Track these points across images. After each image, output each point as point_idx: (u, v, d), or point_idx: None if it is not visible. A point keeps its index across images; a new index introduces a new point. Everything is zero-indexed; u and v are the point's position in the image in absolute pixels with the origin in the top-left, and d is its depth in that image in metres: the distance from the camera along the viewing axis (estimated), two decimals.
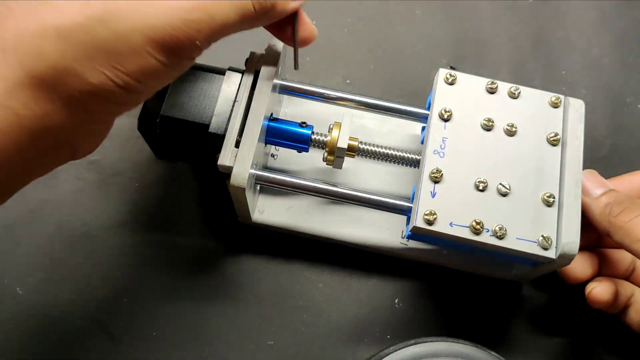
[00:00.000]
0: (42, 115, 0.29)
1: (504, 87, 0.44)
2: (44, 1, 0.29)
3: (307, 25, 0.40)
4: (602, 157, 0.54)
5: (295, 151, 0.47)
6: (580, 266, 0.43)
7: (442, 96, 0.44)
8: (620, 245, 0.40)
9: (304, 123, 0.46)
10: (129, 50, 0.29)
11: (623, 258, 0.45)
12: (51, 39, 0.28)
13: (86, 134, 0.33)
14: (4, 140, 0.28)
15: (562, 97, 0.44)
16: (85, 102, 0.30)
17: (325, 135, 0.45)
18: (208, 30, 0.32)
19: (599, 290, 0.42)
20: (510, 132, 0.43)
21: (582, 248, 0.41)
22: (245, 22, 0.34)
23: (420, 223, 0.40)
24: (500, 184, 0.41)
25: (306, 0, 0.39)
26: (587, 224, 0.42)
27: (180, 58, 0.32)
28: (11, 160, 0.29)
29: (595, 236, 0.45)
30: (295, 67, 0.42)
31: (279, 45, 0.44)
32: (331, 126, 0.46)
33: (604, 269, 0.45)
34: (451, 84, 0.45)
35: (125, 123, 0.49)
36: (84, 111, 0.31)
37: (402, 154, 0.46)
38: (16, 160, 0.30)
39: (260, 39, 0.43)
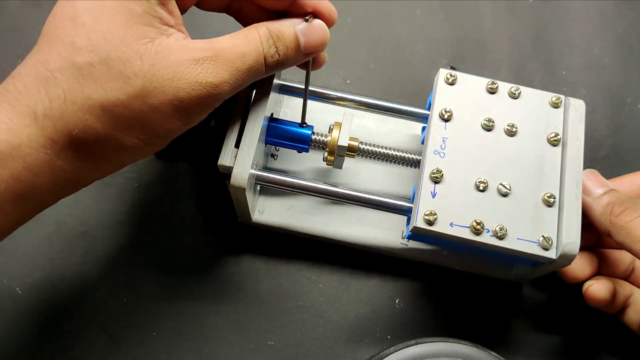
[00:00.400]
0: (82, 169, 0.34)
1: (504, 87, 0.44)
2: (88, 75, 0.32)
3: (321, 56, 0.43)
4: (603, 157, 0.54)
5: (295, 151, 0.47)
6: (580, 266, 0.43)
7: (443, 96, 0.44)
8: (621, 246, 0.40)
9: (304, 123, 0.45)
10: (160, 119, 0.34)
11: (622, 258, 0.45)
12: (97, 113, 0.32)
13: (109, 172, 0.38)
14: (51, 190, 0.34)
15: (562, 97, 0.44)
16: (118, 158, 0.36)
17: (326, 136, 0.45)
18: (222, 95, 0.36)
19: (596, 288, 0.42)
20: (511, 132, 0.43)
21: (582, 248, 0.41)
22: (259, 77, 0.39)
23: (420, 223, 0.40)
24: (501, 184, 0.41)
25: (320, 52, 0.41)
26: (587, 223, 0.41)
27: (199, 117, 0.37)
28: (48, 200, 0.35)
29: (595, 236, 0.45)
30: (302, 121, 0.45)
31: None
32: (331, 126, 0.46)
33: (603, 269, 0.44)
34: (451, 84, 0.45)
35: None
36: (116, 164, 0.37)
37: (402, 154, 0.46)
38: (52, 199, 0.35)
39: None
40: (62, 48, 0.33)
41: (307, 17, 0.39)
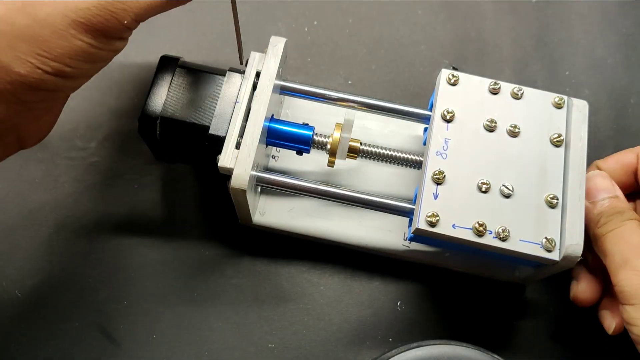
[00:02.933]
0: None
1: (506, 87, 0.44)
2: None
3: None
4: None
5: (296, 152, 0.47)
6: (591, 289, 0.43)
7: (445, 97, 0.44)
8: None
9: (305, 124, 0.45)
10: (52, 35, 0.29)
11: None
12: None
13: (29, 123, 0.32)
14: None
15: (565, 97, 0.44)
16: (17, 93, 0.30)
17: (327, 137, 0.45)
18: (135, 9, 0.31)
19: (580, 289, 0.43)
20: (513, 133, 0.42)
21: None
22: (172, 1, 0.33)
23: (422, 225, 0.39)
24: (503, 185, 0.41)
25: None
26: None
27: (109, 39, 0.31)
28: None
29: None
30: (240, 61, 0.41)
31: (280, 45, 0.44)
32: (333, 127, 0.45)
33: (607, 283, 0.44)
34: (453, 84, 0.44)
35: (125, 125, 0.49)
36: (19, 102, 0.30)
37: (404, 156, 0.46)
38: None
39: (261, 39, 0.43)
40: None
41: None
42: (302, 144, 0.45)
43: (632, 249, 0.37)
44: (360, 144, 0.46)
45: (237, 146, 0.41)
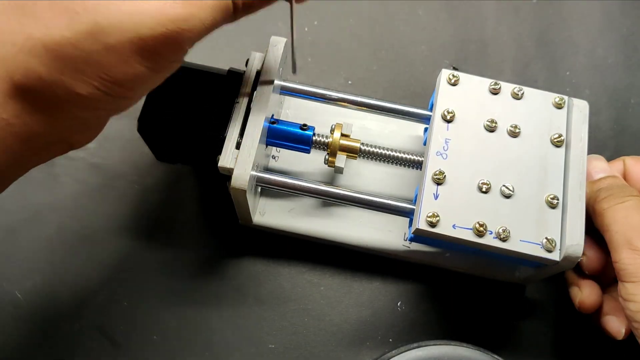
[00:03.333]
0: (33, 123, 0.30)
1: (507, 87, 0.44)
2: (30, 13, 0.28)
3: None
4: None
5: (296, 153, 0.47)
6: (594, 293, 0.43)
7: (445, 97, 0.44)
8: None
9: (305, 125, 0.45)
10: (117, 61, 0.30)
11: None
12: (39, 54, 0.28)
13: (78, 132, 0.33)
14: (2, 151, 0.29)
15: (565, 97, 0.44)
16: (74, 110, 0.30)
17: (327, 137, 0.45)
18: (192, 34, 0.31)
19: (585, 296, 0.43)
20: (514, 134, 0.42)
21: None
22: (227, 20, 0.34)
23: (422, 225, 0.39)
24: (504, 185, 0.41)
25: None
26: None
27: (167, 62, 0.32)
28: (3, 162, 0.30)
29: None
30: (293, 71, 0.42)
31: (280, 45, 0.44)
32: (333, 127, 0.45)
33: (602, 277, 0.44)
34: (454, 84, 0.44)
35: (126, 125, 0.49)
36: (74, 117, 0.31)
37: (404, 156, 0.46)
38: (9, 161, 0.30)
39: (261, 39, 0.43)
40: None
41: None
42: (302, 144, 0.45)
43: (634, 230, 0.38)
44: (361, 144, 0.46)
45: (237, 146, 0.41)
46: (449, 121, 0.43)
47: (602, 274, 0.44)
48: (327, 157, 0.46)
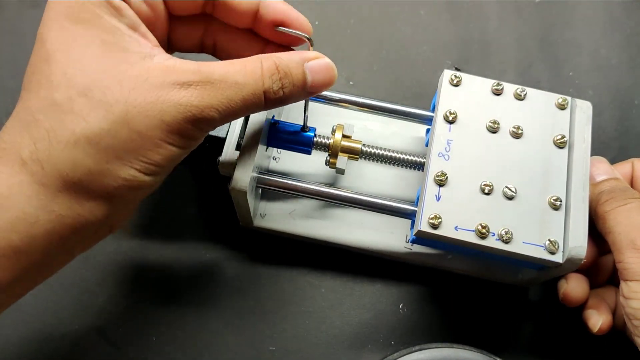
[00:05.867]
0: (84, 212, 0.32)
1: (509, 88, 0.44)
2: (68, 110, 0.31)
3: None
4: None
5: (297, 154, 0.47)
6: (580, 287, 0.43)
7: (447, 98, 0.44)
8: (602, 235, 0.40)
9: (306, 126, 0.45)
10: (151, 145, 0.32)
11: (608, 262, 0.45)
12: (83, 147, 0.31)
13: (120, 214, 0.35)
14: (51, 239, 0.31)
15: (569, 98, 0.44)
16: (119, 194, 0.33)
17: (328, 138, 0.45)
18: (221, 119, 0.34)
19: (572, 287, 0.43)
20: (516, 135, 0.42)
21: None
22: (258, 110, 0.37)
23: (424, 227, 0.39)
24: (506, 187, 0.40)
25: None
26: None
27: (194, 140, 0.35)
28: (56, 251, 0.32)
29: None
30: (304, 129, 0.44)
31: None
32: (334, 128, 0.45)
33: (592, 278, 0.44)
34: (456, 85, 0.44)
35: None
36: (119, 201, 0.34)
37: (406, 157, 0.46)
38: (60, 250, 0.33)
39: None
40: (40, 90, 0.32)
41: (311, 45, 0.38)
42: (303, 145, 0.45)
43: (637, 230, 0.38)
44: (362, 145, 0.46)
45: (238, 147, 0.41)
46: (451, 122, 0.43)
47: (592, 275, 0.44)
48: (328, 158, 0.45)
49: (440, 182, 0.40)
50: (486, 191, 0.40)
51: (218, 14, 0.39)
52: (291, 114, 0.51)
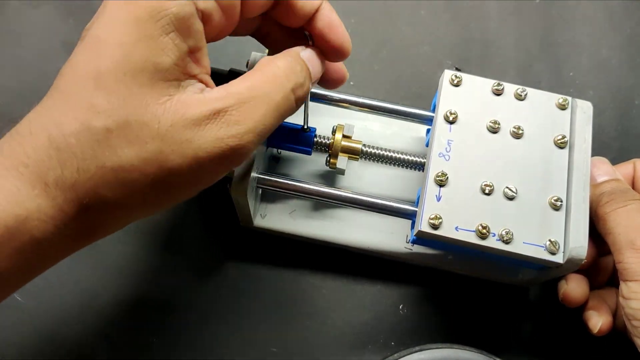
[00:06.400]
0: (90, 232, 0.32)
1: (510, 88, 0.44)
2: (103, 141, 0.30)
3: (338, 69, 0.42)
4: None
5: (297, 154, 0.47)
6: (580, 288, 0.43)
7: (448, 98, 0.44)
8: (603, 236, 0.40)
9: (307, 128, 0.45)
10: (177, 182, 0.32)
11: (608, 263, 0.45)
12: (108, 181, 0.30)
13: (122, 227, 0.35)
14: (55, 256, 0.32)
15: (569, 98, 0.44)
16: (127, 221, 0.33)
17: (328, 138, 0.45)
18: (254, 148, 0.33)
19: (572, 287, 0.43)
20: (517, 135, 0.42)
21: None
22: (288, 114, 0.36)
23: (425, 227, 0.39)
24: (507, 187, 0.40)
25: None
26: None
27: (222, 174, 0.34)
28: (60, 256, 0.33)
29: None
30: (303, 128, 0.45)
31: None
32: (334, 128, 0.45)
33: (592, 279, 0.44)
34: (456, 85, 0.44)
35: None
36: (123, 225, 0.34)
37: (406, 157, 0.45)
38: (64, 255, 0.33)
39: None
40: (79, 110, 0.30)
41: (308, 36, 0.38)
42: (303, 145, 0.45)
43: (637, 231, 0.38)
44: (362, 145, 0.45)
45: None
46: (451, 122, 0.43)
47: (592, 276, 0.44)
48: (328, 158, 0.45)
49: (441, 183, 0.40)
50: (487, 191, 0.40)
51: (276, 14, 0.38)
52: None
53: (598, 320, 0.42)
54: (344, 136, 0.45)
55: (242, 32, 0.40)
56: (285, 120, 0.45)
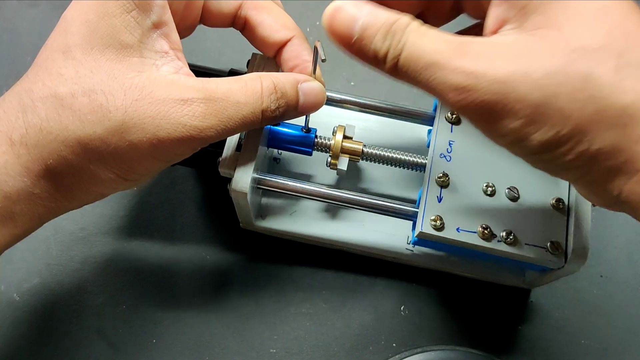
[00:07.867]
0: (58, 196, 0.34)
1: None
2: (68, 106, 0.32)
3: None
4: None
5: (298, 155, 0.46)
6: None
7: None
8: None
9: (307, 127, 0.45)
10: (137, 156, 0.33)
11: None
12: (71, 145, 0.32)
13: (93, 200, 0.37)
14: (28, 216, 0.34)
15: None
16: (93, 187, 0.35)
17: (329, 139, 0.45)
18: (208, 139, 0.35)
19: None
20: None
21: None
22: (251, 127, 0.37)
23: (426, 228, 0.39)
24: (509, 188, 0.40)
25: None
26: None
27: (180, 157, 0.36)
28: (34, 226, 0.35)
29: None
30: (305, 128, 0.45)
31: None
32: (335, 129, 0.45)
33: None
34: None
35: None
36: (92, 192, 0.36)
37: (407, 158, 0.45)
38: (36, 224, 0.35)
39: None
40: (48, 78, 0.33)
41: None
42: (304, 146, 0.45)
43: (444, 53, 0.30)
44: (363, 146, 0.45)
45: (239, 148, 0.41)
46: (453, 123, 0.42)
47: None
48: (329, 159, 0.45)
49: (442, 184, 0.40)
50: (489, 192, 0.40)
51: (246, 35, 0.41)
52: None
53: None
54: (345, 137, 0.45)
55: (217, 22, 0.41)
56: (285, 122, 0.45)
